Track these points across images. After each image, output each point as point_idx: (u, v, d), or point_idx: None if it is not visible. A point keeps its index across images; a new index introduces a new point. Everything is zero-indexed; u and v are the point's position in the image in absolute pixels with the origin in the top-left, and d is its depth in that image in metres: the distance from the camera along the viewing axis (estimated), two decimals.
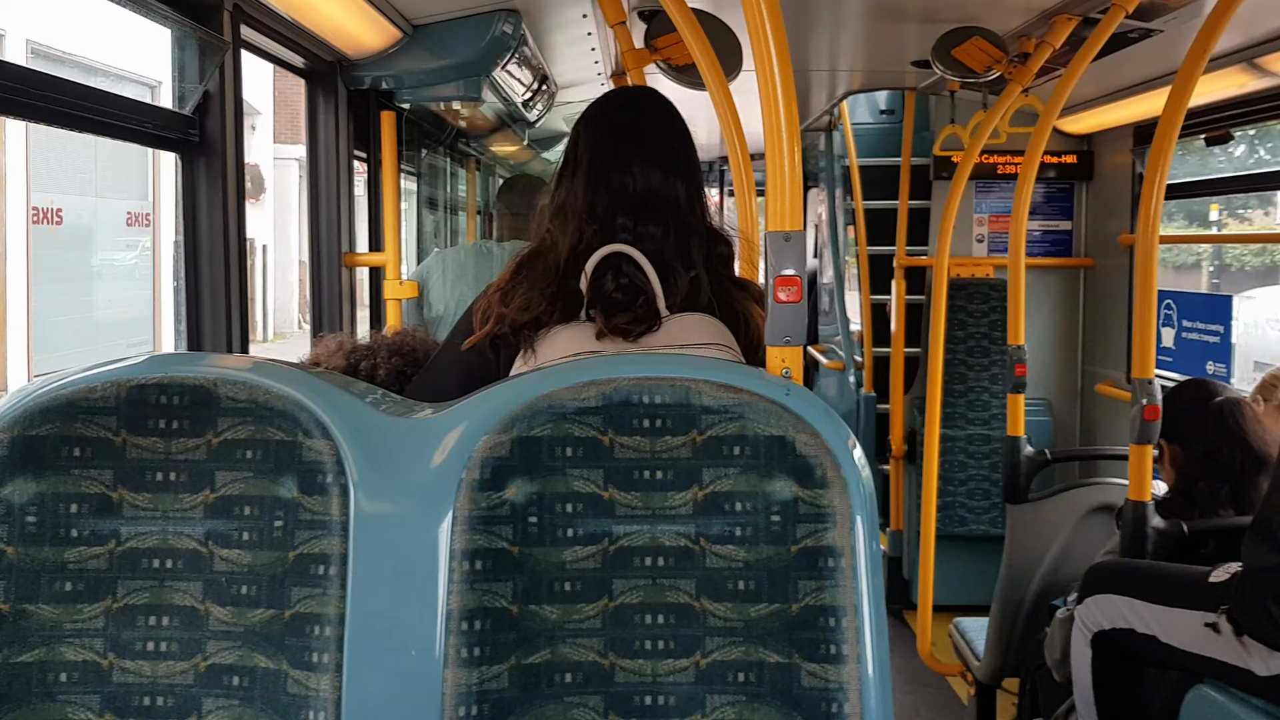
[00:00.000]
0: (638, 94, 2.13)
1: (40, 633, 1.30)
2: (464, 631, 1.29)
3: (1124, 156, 5.14)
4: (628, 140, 1.89)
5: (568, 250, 1.82)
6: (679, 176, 1.88)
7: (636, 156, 1.86)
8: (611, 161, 1.87)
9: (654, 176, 1.85)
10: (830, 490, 1.33)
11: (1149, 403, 3.00)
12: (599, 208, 1.84)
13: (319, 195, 3.44)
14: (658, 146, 1.89)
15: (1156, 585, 2.66)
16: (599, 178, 1.86)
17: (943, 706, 4.70)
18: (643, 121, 1.94)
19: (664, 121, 1.94)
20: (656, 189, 1.85)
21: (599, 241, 1.81)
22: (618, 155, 1.87)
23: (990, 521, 5.45)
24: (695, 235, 1.86)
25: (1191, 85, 2.88)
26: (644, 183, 1.85)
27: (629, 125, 1.93)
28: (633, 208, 1.83)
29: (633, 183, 1.85)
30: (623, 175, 1.85)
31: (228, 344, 2.54)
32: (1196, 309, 4.79)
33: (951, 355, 5.40)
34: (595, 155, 1.89)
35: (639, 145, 1.88)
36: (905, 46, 4.41)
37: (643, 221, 1.83)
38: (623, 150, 1.88)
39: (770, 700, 1.32)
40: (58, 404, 1.32)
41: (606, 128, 1.93)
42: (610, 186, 1.85)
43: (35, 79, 2.02)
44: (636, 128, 1.92)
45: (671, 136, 1.93)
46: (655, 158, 1.87)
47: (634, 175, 1.85)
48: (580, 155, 1.90)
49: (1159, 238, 3.04)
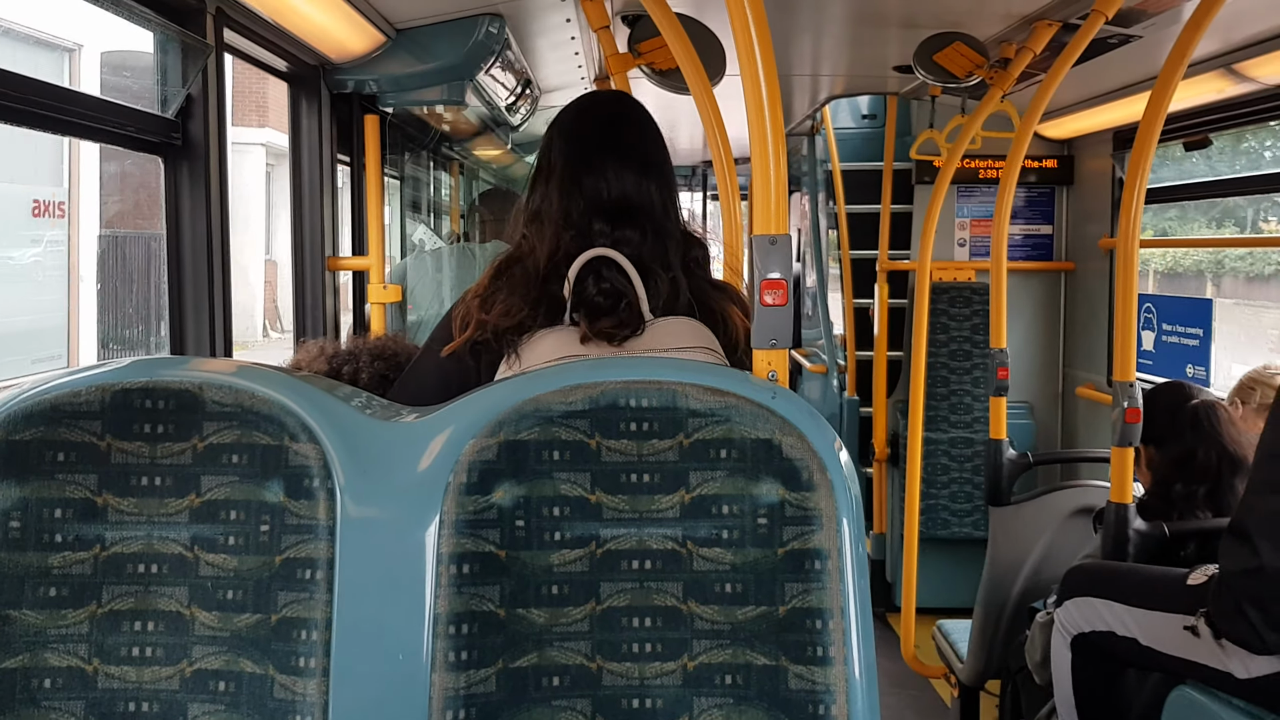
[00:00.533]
0: (609, 98, 2.15)
1: (24, 638, 1.29)
2: (451, 635, 1.29)
3: (1104, 161, 5.18)
4: (600, 145, 1.91)
5: (546, 256, 1.83)
6: (652, 180, 1.89)
7: (610, 161, 1.88)
8: (584, 167, 1.88)
9: (628, 181, 1.87)
10: (816, 493, 1.34)
11: (1130, 405, 3.02)
12: (574, 214, 1.85)
13: (302, 199, 3.43)
14: (630, 151, 1.91)
15: (1135, 588, 2.68)
16: (573, 183, 1.87)
17: (926, 709, 4.72)
18: (614, 126, 1.95)
19: (636, 126, 1.96)
20: (630, 194, 1.86)
21: (577, 247, 1.82)
22: (590, 161, 1.89)
23: (973, 524, 5.47)
24: (671, 239, 1.88)
25: (1171, 90, 2.90)
26: (618, 187, 1.86)
27: (601, 130, 1.94)
28: (608, 213, 1.85)
29: (607, 188, 1.86)
30: (597, 180, 1.86)
31: (211, 349, 2.53)
32: (1176, 312, 4.82)
33: (934, 359, 5.43)
34: (568, 161, 1.90)
35: (611, 150, 1.90)
36: (887, 51, 4.42)
37: (619, 226, 1.84)
38: (595, 156, 1.89)
39: (757, 702, 1.32)
40: (41, 408, 1.31)
41: (578, 133, 1.95)
42: (585, 192, 1.86)
43: (14, 81, 2.01)
44: (608, 133, 1.93)
45: (643, 140, 1.94)
46: (628, 162, 1.89)
47: (608, 180, 1.86)
48: (554, 161, 1.92)
49: (1139, 242, 3.06)
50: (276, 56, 3.11)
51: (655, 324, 1.79)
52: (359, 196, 3.74)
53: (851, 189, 6.03)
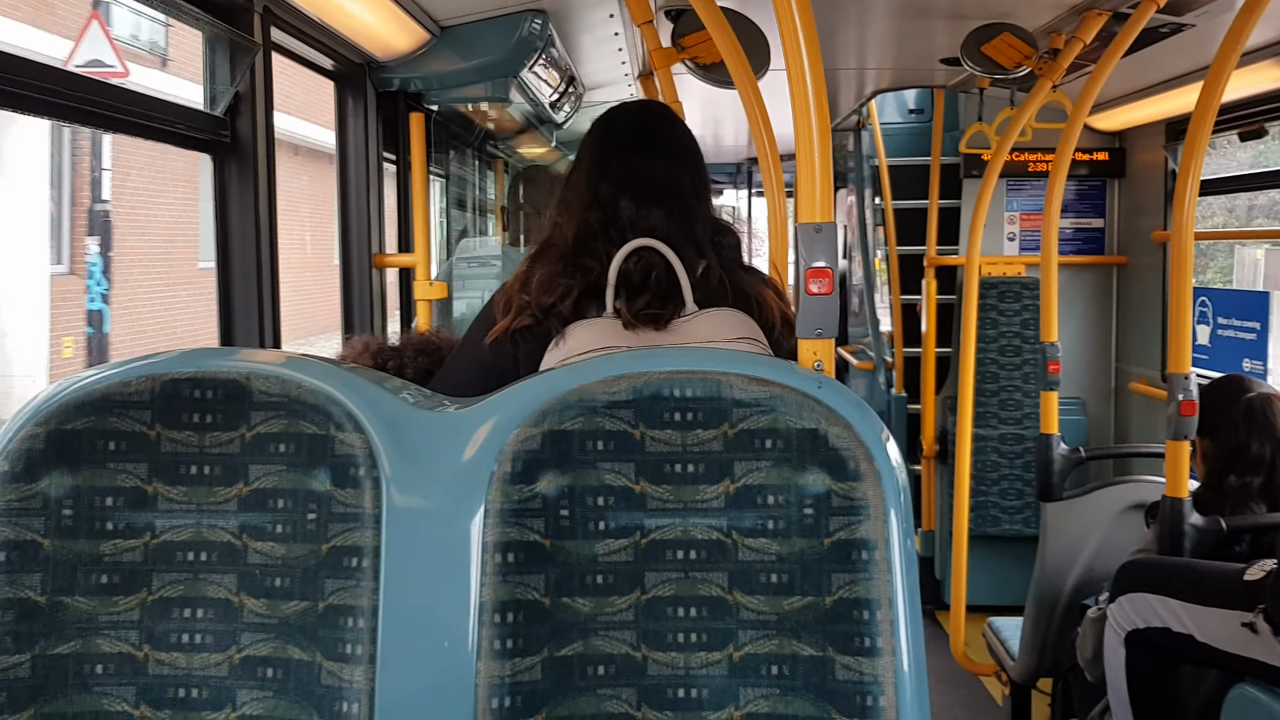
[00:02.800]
0: (640, 104, 2.24)
1: (76, 624, 1.31)
2: (496, 624, 1.29)
3: (1157, 154, 5.09)
4: (630, 138, 1.96)
5: (574, 234, 1.87)
6: (683, 168, 1.93)
7: (640, 149, 1.93)
8: (613, 154, 1.93)
9: (657, 166, 1.91)
10: (863, 483, 1.32)
11: (1185, 398, 2.97)
12: (601, 194, 1.89)
13: (349, 196, 3.47)
14: (660, 143, 1.95)
15: (1191, 583, 2.63)
16: (601, 167, 1.92)
17: (977, 707, 4.67)
18: (645, 124, 2.00)
19: (665, 121, 2.01)
20: (658, 177, 1.90)
21: (602, 225, 1.85)
22: (619, 148, 1.94)
23: (1024, 521, 5.41)
24: (700, 220, 1.90)
25: (1224, 80, 2.85)
26: (646, 171, 1.90)
27: (632, 127, 1.99)
28: (635, 193, 1.88)
29: (635, 170, 1.90)
30: (624, 164, 1.91)
31: (260, 342, 2.56)
32: (1233, 306, 4.74)
33: (983, 354, 5.37)
34: (598, 149, 1.95)
35: (642, 141, 1.94)
36: (934, 44, 4.38)
37: (645, 205, 1.86)
38: (624, 145, 1.94)
39: (804, 693, 1.31)
40: (93, 398, 1.33)
41: (608, 128, 2.00)
42: (612, 173, 1.90)
43: (70, 80, 2.04)
44: (639, 129, 1.98)
45: (673, 133, 1.99)
46: (658, 152, 1.93)
47: (636, 165, 1.90)
48: (582, 156, 1.97)
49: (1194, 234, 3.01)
50: (323, 55, 3.14)
51: (700, 315, 1.79)
52: (405, 194, 3.76)
53: (899, 184, 5.99)
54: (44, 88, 1.95)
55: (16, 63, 1.86)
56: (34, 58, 1.95)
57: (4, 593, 1.29)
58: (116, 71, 9.41)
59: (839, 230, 8.96)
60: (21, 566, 1.30)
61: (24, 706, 1.29)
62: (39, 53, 7.58)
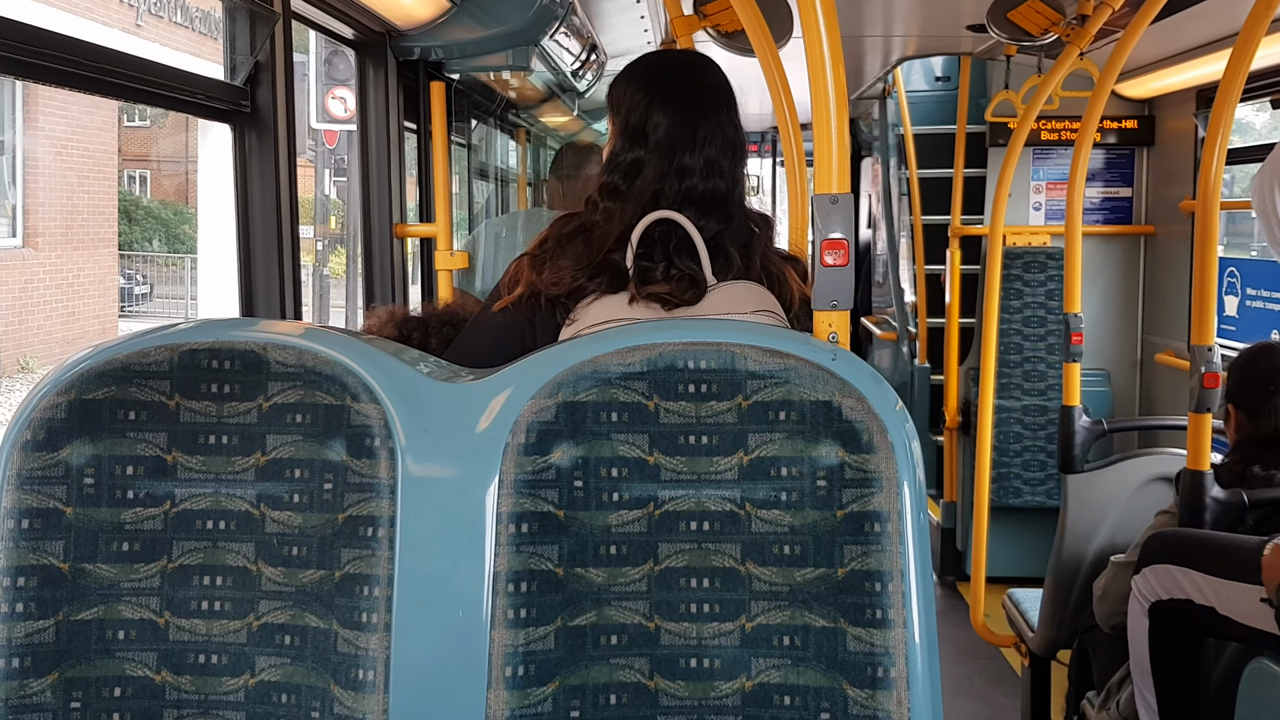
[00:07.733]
0: (698, 64, 2.06)
1: (99, 591, 1.33)
2: (510, 593, 1.30)
3: (1186, 121, 5.02)
4: (699, 126, 1.86)
5: (619, 232, 1.80)
6: (738, 167, 1.88)
7: (708, 148, 1.85)
8: (688, 144, 1.85)
9: (721, 169, 1.85)
10: (877, 455, 1.32)
11: (1208, 370, 2.94)
12: (664, 200, 1.83)
13: (370, 166, 3.47)
14: (725, 138, 1.88)
15: (1214, 557, 2.62)
16: (672, 164, 1.84)
17: (996, 677, 4.67)
18: (710, 102, 1.90)
19: (726, 100, 1.92)
20: (717, 186, 1.85)
21: (663, 236, 1.80)
22: (691, 143, 1.85)
23: (1046, 493, 5.39)
24: (741, 223, 1.87)
25: (1254, 46, 2.80)
26: (710, 182, 1.84)
27: (698, 106, 1.88)
28: (697, 202, 1.83)
29: (701, 179, 1.84)
30: (693, 166, 1.84)
31: (281, 313, 2.58)
32: (1262, 276, 4.68)
33: (1007, 325, 5.33)
34: (670, 140, 1.85)
35: (710, 133, 1.86)
36: (960, 10, 4.33)
37: (704, 215, 1.83)
38: (695, 139, 1.85)
39: (815, 664, 1.32)
40: (113, 368, 1.35)
41: (676, 105, 1.88)
42: (680, 174, 1.84)
43: (91, 51, 2.05)
44: (705, 110, 1.88)
45: (732, 116, 1.91)
46: (724, 148, 1.87)
47: (701, 171, 1.84)
48: (648, 133, 1.86)
49: (1220, 204, 2.97)
50: (343, 24, 3.14)
51: (717, 289, 1.78)
52: (426, 163, 3.76)
53: (924, 153, 5.94)
54: (66, 59, 1.96)
55: (40, 35, 1.87)
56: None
57: (28, 559, 1.32)
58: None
59: (864, 199, 8.92)
60: (44, 534, 1.32)
61: (48, 670, 1.31)
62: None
